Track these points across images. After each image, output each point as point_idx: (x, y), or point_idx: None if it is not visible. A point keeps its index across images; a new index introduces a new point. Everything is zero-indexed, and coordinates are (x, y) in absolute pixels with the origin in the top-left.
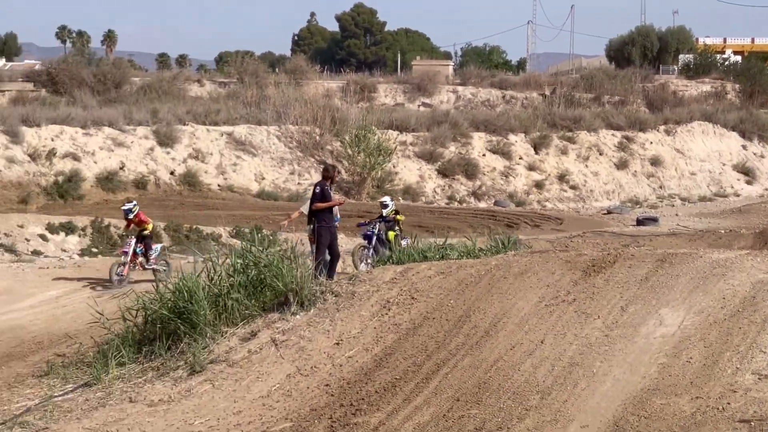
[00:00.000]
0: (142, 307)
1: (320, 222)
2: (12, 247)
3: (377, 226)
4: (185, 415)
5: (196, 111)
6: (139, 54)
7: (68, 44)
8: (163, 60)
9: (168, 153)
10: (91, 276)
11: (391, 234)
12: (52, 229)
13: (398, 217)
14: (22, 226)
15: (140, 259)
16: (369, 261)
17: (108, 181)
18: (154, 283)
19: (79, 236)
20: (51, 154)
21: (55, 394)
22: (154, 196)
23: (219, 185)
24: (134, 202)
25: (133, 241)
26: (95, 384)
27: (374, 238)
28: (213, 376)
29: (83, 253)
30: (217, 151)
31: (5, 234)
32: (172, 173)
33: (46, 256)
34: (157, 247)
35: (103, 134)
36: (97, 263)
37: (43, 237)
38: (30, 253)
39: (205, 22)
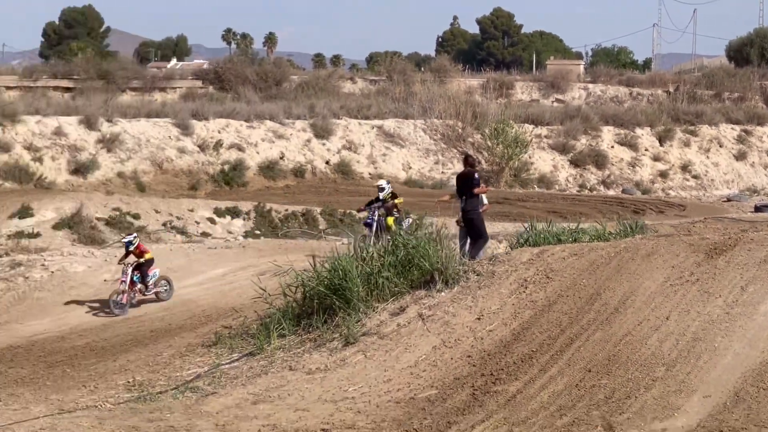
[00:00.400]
0: (301, 284)
1: (474, 207)
2: (183, 229)
3: (376, 213)
4: (340, 382)
5: (349, 106)
6: (297, 54)
7: (233, 45)
8: (318, 60)
9: (324, 144)
10: (254, 256)
11: (390, 220)
12: (219, 212)
13: (396, 201)
14: (192, 210)
15: (139, 286)
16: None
17: (269, 169)
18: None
19: (244, 219)
20: (218, 145)
21: (223, 362)
22: (311, 183)
23: (370, 173)
24: (134, 235)
25: (130, 269)
26: (258, 353)
27: (375, 225)
28: (365, 347)
29: (247, 234)
30: (368, 142)
31: (177, 217)
32: (327, 162)
33: (213, 238)
34: (155, 272)
35: (264, 127)
36: (259, 244)
37: (211, 220)
38: (199, 234)
39: (357, 25)
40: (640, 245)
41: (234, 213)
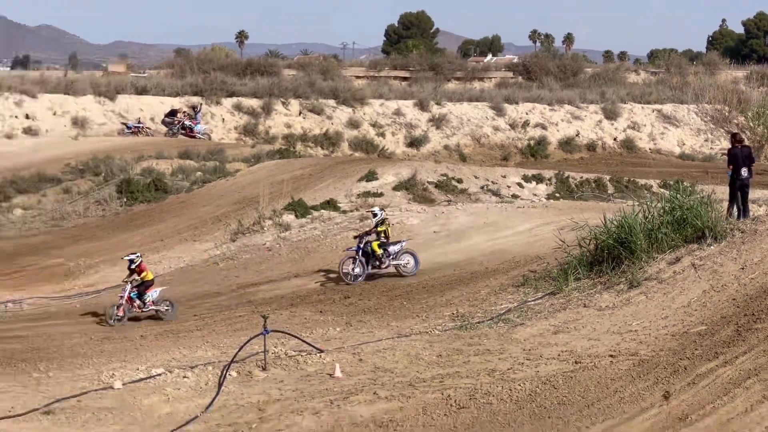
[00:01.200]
0: (593, 237)
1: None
2: (497, 192)
3: (363, 240)
4: (625, 318)
5: (633, 93)
6: (590, 51)
7: (537, 44)
8: (607, 55)
9: (612, 124)
10: (554, 214)
11: (375, 245)
12: (525, 179)
13: (380, 228)
14: (504, 177)
15: (137, 302)
16: (356, 271)
17: (566, 144)
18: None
19: (546, 185)
20: (525, 124)
21: (529, 300)
22: (601, 156)
23: (649, 149)
24: (137, 254)
25: (129, 286)
26: (558, 293)
27: (360, 251)
28: (646, 290)
29: (549, 197)
30: (648, 123)
31: (492, 182)
32: (614, 139)
33: (521, 199)
34: (154, 292)
35: (563, 110)
36: (559, 204)
37: (519, 185)
38: (510, 196)
39: (640, 26)
40: None
41: (538, 179)
